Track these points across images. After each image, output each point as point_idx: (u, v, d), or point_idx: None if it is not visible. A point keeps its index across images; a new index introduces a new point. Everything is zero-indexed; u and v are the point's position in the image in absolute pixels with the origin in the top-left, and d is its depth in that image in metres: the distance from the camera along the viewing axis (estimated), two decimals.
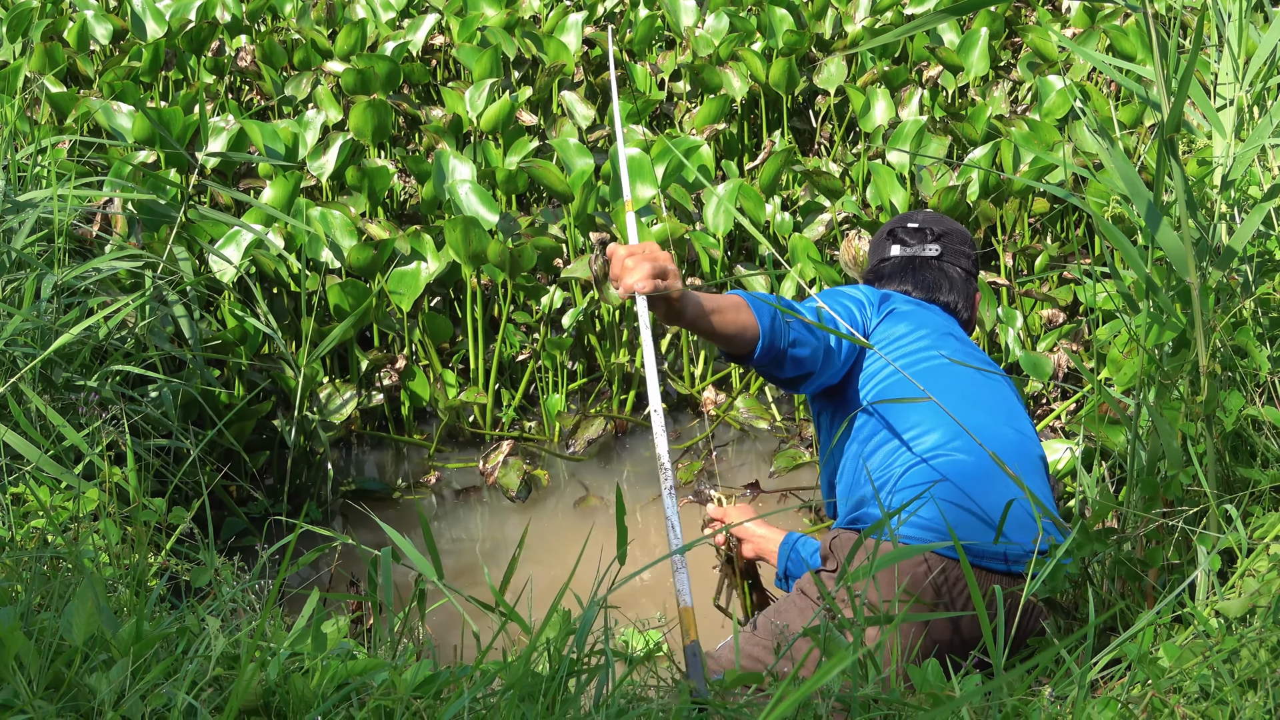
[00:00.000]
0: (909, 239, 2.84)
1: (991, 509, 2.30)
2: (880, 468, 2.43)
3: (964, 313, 2.80)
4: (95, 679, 1.46)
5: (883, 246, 2.87)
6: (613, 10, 6.14)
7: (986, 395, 2.52)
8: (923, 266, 2.80)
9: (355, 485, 3.80)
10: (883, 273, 2.83)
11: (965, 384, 2.51)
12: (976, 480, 2.33)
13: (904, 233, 2.85)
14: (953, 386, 2.48)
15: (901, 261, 2.82)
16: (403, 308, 3.88)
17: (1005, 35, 5.64)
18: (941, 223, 2.88)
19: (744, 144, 5.39)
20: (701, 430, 4.09)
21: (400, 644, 1.87)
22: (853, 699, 1.58)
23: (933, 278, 2.79)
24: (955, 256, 2.83)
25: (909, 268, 2.80)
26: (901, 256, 2.82)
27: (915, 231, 2.85)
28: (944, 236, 2.84)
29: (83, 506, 2.43)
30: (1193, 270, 2.00)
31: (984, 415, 2.43)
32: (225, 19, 5.62)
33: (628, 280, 2.19)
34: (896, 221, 2.91)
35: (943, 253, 2.82)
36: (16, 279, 2.96)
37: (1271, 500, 2.12)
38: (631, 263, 2.20)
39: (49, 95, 4.50)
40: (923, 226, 2.85)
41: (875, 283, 2.84)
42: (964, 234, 2.89)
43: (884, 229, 2.92)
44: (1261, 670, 1.67)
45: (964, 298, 2.80)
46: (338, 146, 4.35)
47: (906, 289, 2.78)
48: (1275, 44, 2.24)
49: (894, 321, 2.62)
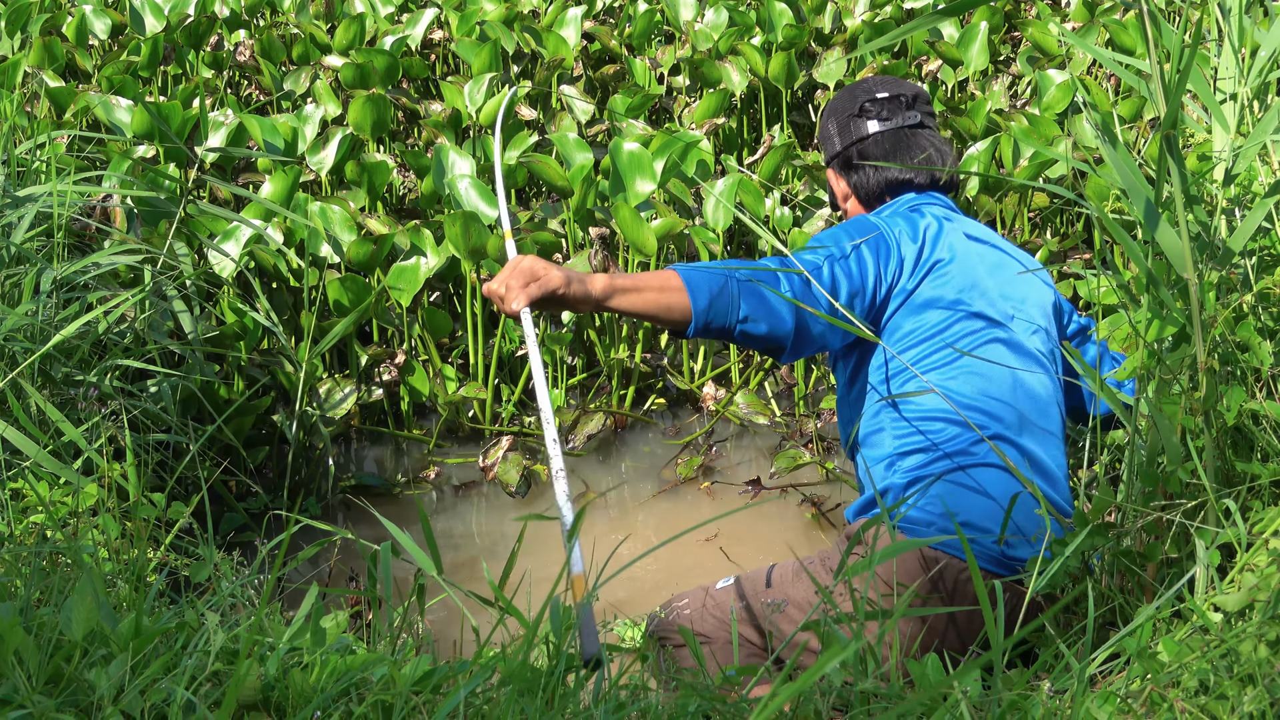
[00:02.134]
0: (885, 111, 2.58)
1: (999, 500, 2.29)
2: (897, 437, 2.38)
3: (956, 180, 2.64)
4: (94, 674, 1.46)
5: (855, 124, 2.60)
6: (612, 5, 6.14)
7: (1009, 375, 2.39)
8: (912, 138, 2.58)
9: (355, 480, 3.80)
10: (867, 154, 2.59)
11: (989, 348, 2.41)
12: (988, 473, 2.32)
13: (876, 105, 2.59)
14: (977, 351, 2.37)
15: (887, 137, 2.58)
16: (402, 303, 3.88)
17: (1005, 29, 5.64)
18: (906, 85, 2.64)
19: (743, 138, 5.39)
20: (701, 426, 4.09)
21: (400, 639, 1.87)
22: (852, 693, 1.58)
23: (921, 151, 2.57)
24: (929, 118, 2.63)
25: (898, 144, 2.58)
26: (884, 131, 2.58)
27: (889, 101, 2.59)
28: (917, 99, 2.62)
29: (82, 502, 2.43)
30: (1190, 267, 2.00)
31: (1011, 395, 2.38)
32: (224, 14, 5.62)
33: (507, 306, 2.12)
34: (856, 94, 2.63)
35: (921, 118, 2.61)
36: (16, 274, 2.96)
37: (1271, 495, 2.12)
38: (502, 287, 2.13)
39: (48, 90, 4.50)
40: (894, 94, 2.59)
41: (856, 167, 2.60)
42: (927, 93, 2.67)
43: (845, 105, 2.63)
44: (1261, 665, 1.67)
45: (952, 162, 2.61)
46: (337, 141, 4.35)
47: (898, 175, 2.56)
48: (1277, 39, 2.23)
49: (939, 281, 2.40)
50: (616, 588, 3.19)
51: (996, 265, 2.50)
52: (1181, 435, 2.08)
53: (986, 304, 2.43)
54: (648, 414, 4.17)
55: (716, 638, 2.40)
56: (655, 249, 3.91)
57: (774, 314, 2.28)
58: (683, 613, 2.43)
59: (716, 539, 3.43)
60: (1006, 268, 2.51)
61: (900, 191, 2.61)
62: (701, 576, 3.21)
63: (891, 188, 2.61)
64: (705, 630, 2.41)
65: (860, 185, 2.63)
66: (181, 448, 3.19)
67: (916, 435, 2.34)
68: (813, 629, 1.69)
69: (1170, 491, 2.07)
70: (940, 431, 2.33)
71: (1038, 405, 2.40)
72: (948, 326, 2.39)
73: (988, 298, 2.44)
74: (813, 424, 3.93)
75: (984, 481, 2.30)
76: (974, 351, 2.35)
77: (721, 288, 2.24)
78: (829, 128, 2.66)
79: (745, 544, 3.45)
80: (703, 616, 2.42)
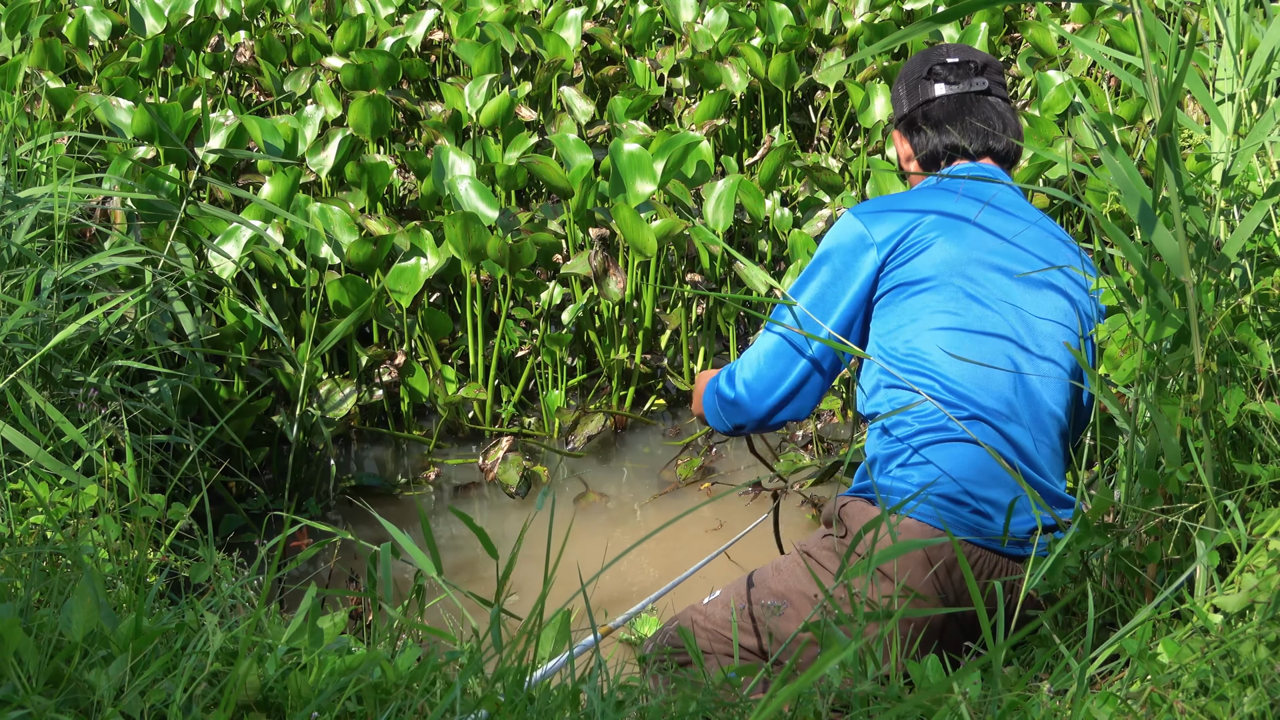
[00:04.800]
0: (953, 76, 2.60)
1: (1002, 492, 2.29)
2: (898, 429, 2.36)
3: (1016, 152, 2.64)
4: (94, 675, 1.46)
5: (923, 87, 2.62)
6: (612, 6, 6.14)
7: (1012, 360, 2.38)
8: (975, 104, 2.59)
9: (355, 481, 3.80)
10: (931, 117, 2.61)
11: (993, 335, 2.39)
12: (971, 449, 2.30)
13: (945, 69, 2.61)
14: (976, 336, 2.37)
15: (952, 101, 2.60)
16: (402, 304, 3.88)
17: (1005, 30, 5.64)
18: (978, 54, 2.65)
19: (743, 139, 5.39)
20: (701, 427, 4.09)
21: (399, 639, 1.87)
22: (851, 695, 1.58)
23: (986, 117, 2.59)
24: (999, 88, 2.64)
25: (961, 108, 2.59)
26: (950, 95, 2.59)
27: (958, 67, 2.60)
28: (987, 68, 2.63)
29: (82, 502, 2.43)
30: (1188, 269, 2.00)
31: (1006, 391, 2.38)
32: (224, 14, 5.62)
33: None
34: (929, 58, 2.65)
35: (989, 86, 2.62)
36: (16, 274, 2.96)
37: (1271, 496, 2.12)
38: None
39: (48, 91, 4.50)
40: (964, 60, 2.61)
41: (919, 131, 2.63)
42: (999, 64, 2.69)
43: (916, 69, 2.65)
44: (1261, 666, 1.67)
45: (1014, 131, 2.62)
46: (337, 142, 4.35)
47: (958, 140, 2.59)
48: (1276, 40, 2.23)
49: (908, 266, 2.43)
50: (614, 588, 3.20)
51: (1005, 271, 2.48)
52: (1181, 436, 2.08)
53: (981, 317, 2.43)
54: (648, 415, 4.17)
55: (713, 650, 2.40)
56: (655, 250, 3.92)
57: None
58: (673, 631, 2.43)
59: (716, 539, 3.43)
60: (1019, 277, 2.47)
61: (955, 157, 2.61)
62: (701, 576, 3.21)
63: (948, 153, 2.61)
64: (700, 646, 2.41)
65: (920, 147, 2.64)
66: (182, 448, 3.19)
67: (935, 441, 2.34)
68: (811, 629, 1.69)
69: (1170, 492, 2.07)
70: (924, 405, 2.32)
71: (1034, 408, 2.39)
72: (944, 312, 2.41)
73: (985, 306, 2.43)
74: (813, 426, 3.93)
75: (967, 456, 2.29)
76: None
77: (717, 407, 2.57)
78: (899, 90, 2.69)
79: (745, 545, 3.45)
80: (695, 633, 2.42)
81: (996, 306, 2.41)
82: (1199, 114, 4.04)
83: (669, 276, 4.38)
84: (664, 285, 4.34)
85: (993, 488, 2.28)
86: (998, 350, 2.39)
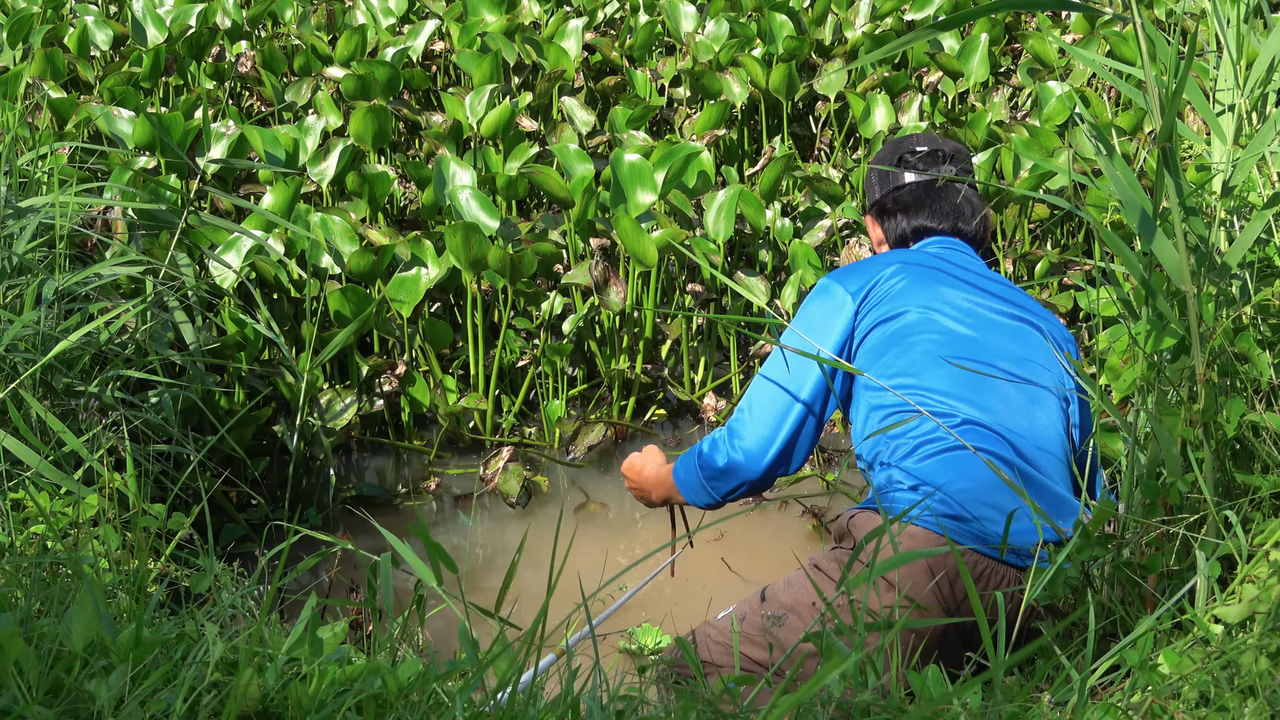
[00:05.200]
0: (921, 164, 2.73)
1: (1005, 497, 2.30)
2: (896, 452, 2.40)
3: (984, 237, 2.74)
4: (94, 685, 1.46)
5: (893, 175, 2.75)
6: (613, 16, 6.15)
7: (1002, 384, 2.43)
8: (942, 191, 2.71)
9: (355, 491, 3.80)
10: (901, 202, 2.73)
11: (979, 361, 2.44)
12: (988, 472, 2.31)
13: (914, 158, 2.74)
14: (965, 362, 2.41)
15: (921, 187, 2.72)
16: (403, 314, 3.88)
17: (1005, 41, 5.65)
18: (946, 143, 2.79)
19: (744, 150, 5.40)
20: (701, 436, 4.09)
21: (400, 649, 1.87)
22: (852, 705, 1.58)
23: (953, 203, 2.70)
24: (965, 174, 2.75)
25: (928, 195, 2.71)
26: (918, 183, 2.72)
27: (927, 156, 2.74)
28: (955, 156, 2.76)
29: (82, 512, 2.43)
30: (1188, 279, 2.00)
31: (996, 402, 2.41)
32: (226, 25, 5.63)
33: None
34: (898, 147, 2.79)
35: (958, 173, 2.73)
36: (17, 284, 2.97)
37: (1272, 506, 2.12)
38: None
39: (50, 101, 4.51)
40: (933, 149, 2.75)
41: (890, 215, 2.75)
42: (967, 153, 2.82)
43: (887, 157, 2.78)
44: (1261, 677, 1.67)
45: (983, 220, 2.72)
46: (338, 152, 4.35)
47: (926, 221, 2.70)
48: (1276, 50, 2.24)
49: (881, 306, 2.53)
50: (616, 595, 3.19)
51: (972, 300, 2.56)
52: (1181, 447, 2.08)
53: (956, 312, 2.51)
54: (648, 425, 4.17)
55: (724, 664, 2.40)
56: (656, 260, 3.92)
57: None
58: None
59: (717, 550, 3.43)
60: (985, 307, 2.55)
61: (925, 237, 2.73)
62: (702, 587, 3.21)
63: (917, 234, 2.74)
64: (712, 659, 2.42)
65: (891, 231, 2.77)
66: (182, 458, 3.19)
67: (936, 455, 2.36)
68: (812, 640, 1.69)
69: (1171, 503, 2.07)
70: (921, 422, 2.37)
71: (1029, 417, 2.42)
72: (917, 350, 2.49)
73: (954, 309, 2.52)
74: None
75: (969, 465, 2.31)
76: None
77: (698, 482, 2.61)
78: (871, 178, 2.82)
79: (746, 555, 3.45)
80: (707, 647, 2.43)
81: (975, 330, 2.48)
82: (1199, 125, 4.04)
83: (670, 286, 4.38)
84: (665, 295, 4.34)
85: (998, 494, 2.29)
86: (976, 354, 2.44)
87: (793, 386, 2.53)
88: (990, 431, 2.35)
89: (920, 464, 2.34)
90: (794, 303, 3.97)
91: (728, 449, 2.55)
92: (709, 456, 2.58)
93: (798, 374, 2.52)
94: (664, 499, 2.75)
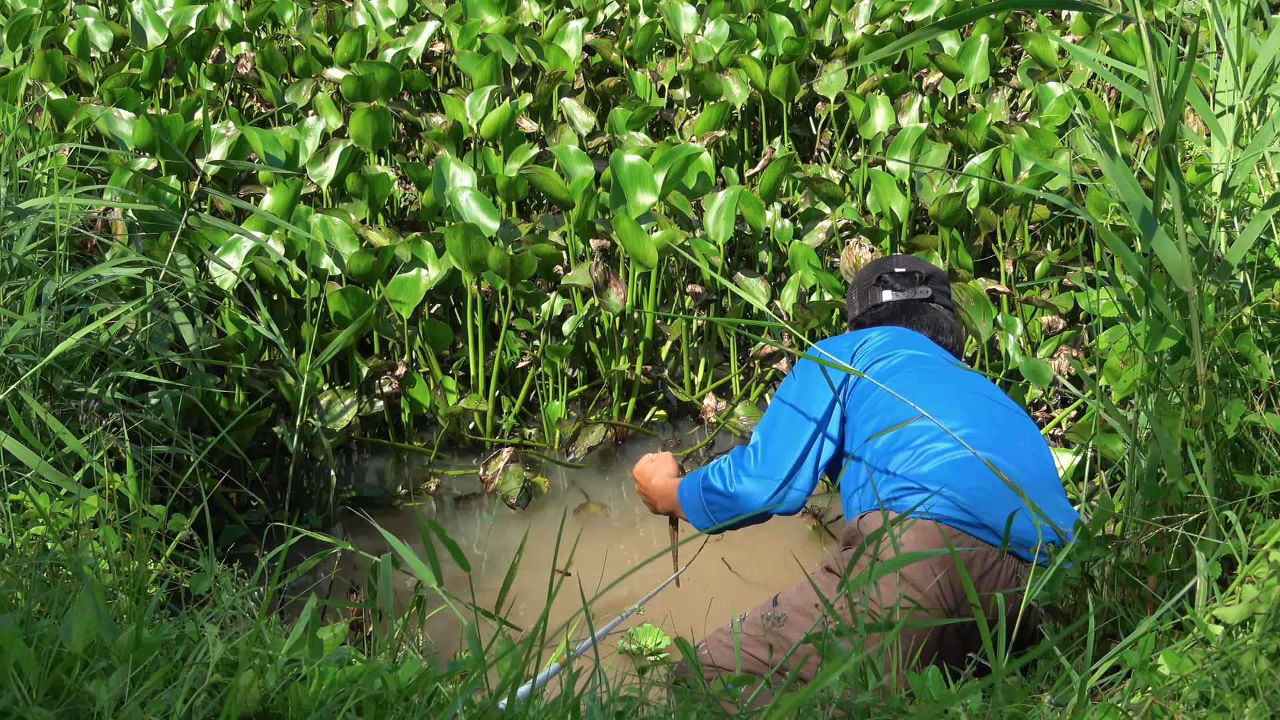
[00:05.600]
0: (898, 284, 2.87)
1: (1008, 498, 2.34)
2: (900, 465, 2.48)
3: (959, 352, 2.88)
4: (94, 686, 1.46)
5: (871, 293, 2.90)
6: (613, 17, 6.15)
7: (989, 409, 2.56)
8: (917, 310, 2.85)
9: (355, 492, 3.80)
10: (878, 318, 2.87)
11: (965, 392, 2.54)
12: (991, 476, 2.37)
13: (892, 278, 2.89)
14: (952, 393, 2.50)
15: (896, 306, 2.86)
16: (403, 315, 3.88)
17: (1005, 42, 5.65)
18: (924, 265, 2.93)
19: (744, 151, 5.40)
20: (702, 437, 4.09)
21: (400, 650, 1.87)
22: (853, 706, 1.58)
23: (930, 317, 2.84)
24: (943, 297, 2.90)
25: (904, 312, 2.85)
26: (895, 301, 2.86)
27: (904, 276, 2.88)
28: (931, 278, 2.90)
29: (83, 513, 2.43)
30: (1190, 279, 2.00)
31: (990, 426, 2.48)
32: (226, 26, 5.63)
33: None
34: (878, 267, 2.94)
35: (933, 295, 2.87)
36: (18, 286, 2.97)
37: (1272, 507, 2.12)
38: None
39: (50, 102, 4.51)
40: (910, 270, 2.89)
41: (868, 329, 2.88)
42: (944, 275, 2.96)
43: (867, 276, 2.94)
44: (1261, 677, 1.67)
45: (957, 338, 2.86)
46: (338, 153, 4.35)
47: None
48: (1275, 51, 2.24)
49: (878, 350, 2.66)
50: (615, 598, 3.19)
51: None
52: (1181, 448, 2.08)
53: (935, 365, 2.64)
54: (648, 426, 4.17)
55: (744, 666, 2.42)
56: (656, 261, 3.92)
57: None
58: (700, 653, 2.45)
59: (717, 550, 3.43)
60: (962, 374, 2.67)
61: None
62: (702, 588, 3.21)
63: None
64: (723, 663, 2.44)
65: None
66: (182, 459, 3.19)
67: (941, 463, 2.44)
68: (812, 640, 1.69)
69: (1171, 504, 2.07)
70: (921, 433, 2.47)
71: (1012, 432, 2.53)
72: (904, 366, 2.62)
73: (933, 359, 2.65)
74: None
75: (972, 468, 2.39)
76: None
77: (701, 505, 2.67)
78: (852, 294, 2.97)
79: (746, 555, 3.45)
80: (720, 650, 2.46)
81: (954, 372, 2.62)
82: (1199, 126, 4.04)
83: (670, 287, 4.38)
84: (665, 296, 4.35)
85: (1003, 494, 2.33)
86: (961, 389, 2.57)
87: (798, 429, 2.63)
88: (987, 440, 2.40)
89: (927, 468, 2.42)
90: (793, 304, 3.97)
91: (732, 479, 2.64)
92: (712, 483, 2.66)
93: (803, 417, 2.63)
94: (668, 510, 2.83)
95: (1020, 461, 2.44)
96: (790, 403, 2.65)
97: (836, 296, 3.93)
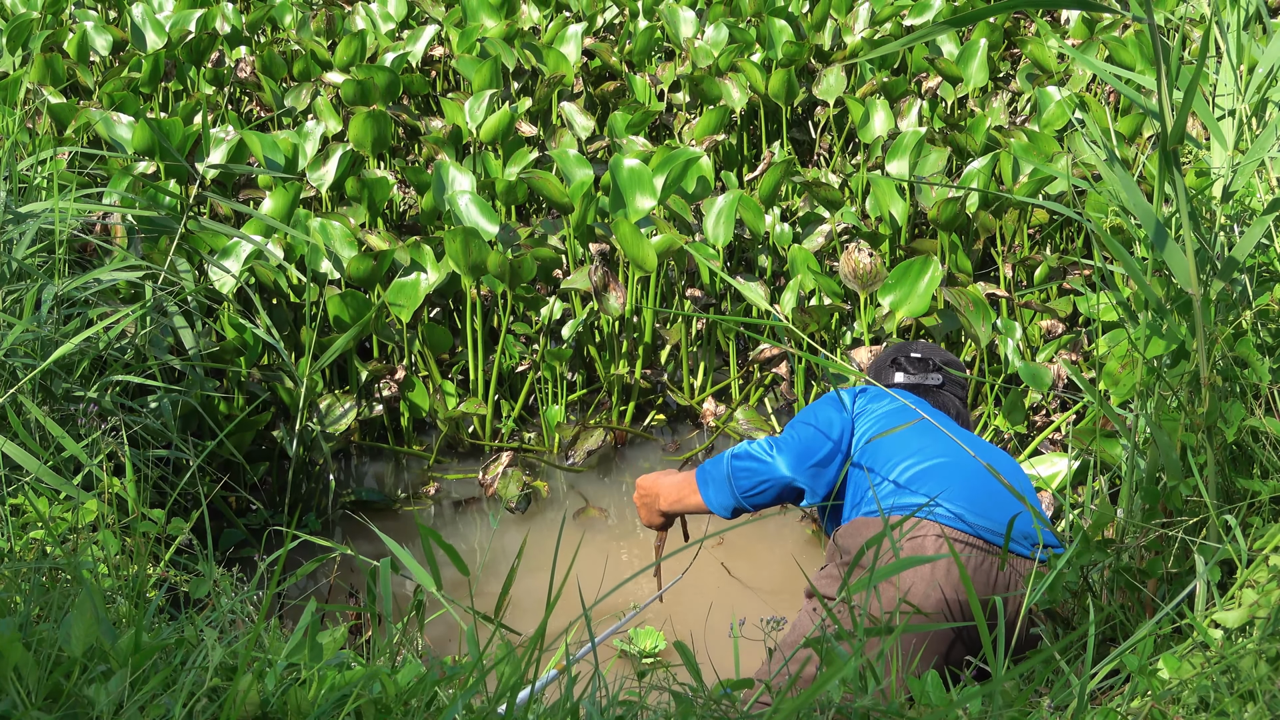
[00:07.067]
0: (912, 368, 2.95)
1: (1001, 505, 2.38)
2: (886, 484, 2.51)
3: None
4: (94, 690, 1.46)
5: (886, 373, 2.97)
6: (612, 21, 6.15)
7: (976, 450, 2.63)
8: (929, 394, 2.91)
9: (355, 496, 3.80)
10: None
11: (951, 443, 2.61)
12: (983, 483, 2.43)
13: (907, 362, 2.96)
14: (941, 439, 2.60)
15: (910, 389, 2.92)
16: (402, 319, 3.88)
17: (1004, 46, 5.65)
18: (940, 354, 3.01)
19: (743, 155, 5.40)
20: (701, 441, 4.09)
21: (399, 654, 1.87)
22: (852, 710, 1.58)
23: (940, 401, 2.90)
24: (954, 386, 2.96)
25: (916, 394, 2.89)
26: (906, 384, 2.93)
27: (918, 361, 2.96)
28: (946, 366, 2.97)
29: (82, 517, 2.43)
30: (1194, 282, 2.00)
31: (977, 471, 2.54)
32: (225, 30, 5.64)
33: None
34: (897, 350, 3.03)
35: (944, 383, 2.94)
36: (17, 289, 2.97)
37: (1271, 511, 2.12)
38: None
39: (49, 106, 4.51)
40: (925, 357, 2.97)
41: None
42: (960, 365, 3.03)
43: (885, 356, 3.03)
44: (1261, 681, 1.67)
45: (965, 423, 2.92)
46: (337, 157, 4.35)
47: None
48: (1276, 56, 2.24)
49: (875, 399, 2.74)
50: (615, 602, 3.19)
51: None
52: (1181, 451, 2.08)
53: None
54: (648, 430, 4.17)
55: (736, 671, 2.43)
56: (655, 265, 3.92)
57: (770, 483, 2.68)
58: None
59: (716, 555, 3.43)
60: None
61: None
62: (701, 591, 3.21)
63: None
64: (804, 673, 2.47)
65: None
66: (182, 463, 3.19)
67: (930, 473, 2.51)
68: (811, 645, 1.69)
69: (1171, 508, 2.07)
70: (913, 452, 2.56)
71: (995, 456, 2.62)
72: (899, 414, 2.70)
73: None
74: None
75: (966, 479, 2.46)
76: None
77: (717, 479, 2.69)
78: (869, 374, 3.06)
79: (745, 560, 3.45)
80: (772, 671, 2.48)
81: (949, 430, 2.66)
82: (1198, 130, 4.05)
83: (669, 291, 4.38)
84: (664, 301, 4.34)
85: (997, 495, 2.37)
86: (946, 423, 2.67)
87: (827, 425, 2.70)
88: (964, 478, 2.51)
89: (919, 478, 2.49)
90: (793, 308, 3.97)
91: (767, 449, 2.68)
92: (746, 449, 2.70)
93: (831, 418, 2.70)
94: (671, 504, 2.83)
95: (1003, 468, 2.52)
96: (818, 407, 2.73)
97: (836, 300, 3.93)
